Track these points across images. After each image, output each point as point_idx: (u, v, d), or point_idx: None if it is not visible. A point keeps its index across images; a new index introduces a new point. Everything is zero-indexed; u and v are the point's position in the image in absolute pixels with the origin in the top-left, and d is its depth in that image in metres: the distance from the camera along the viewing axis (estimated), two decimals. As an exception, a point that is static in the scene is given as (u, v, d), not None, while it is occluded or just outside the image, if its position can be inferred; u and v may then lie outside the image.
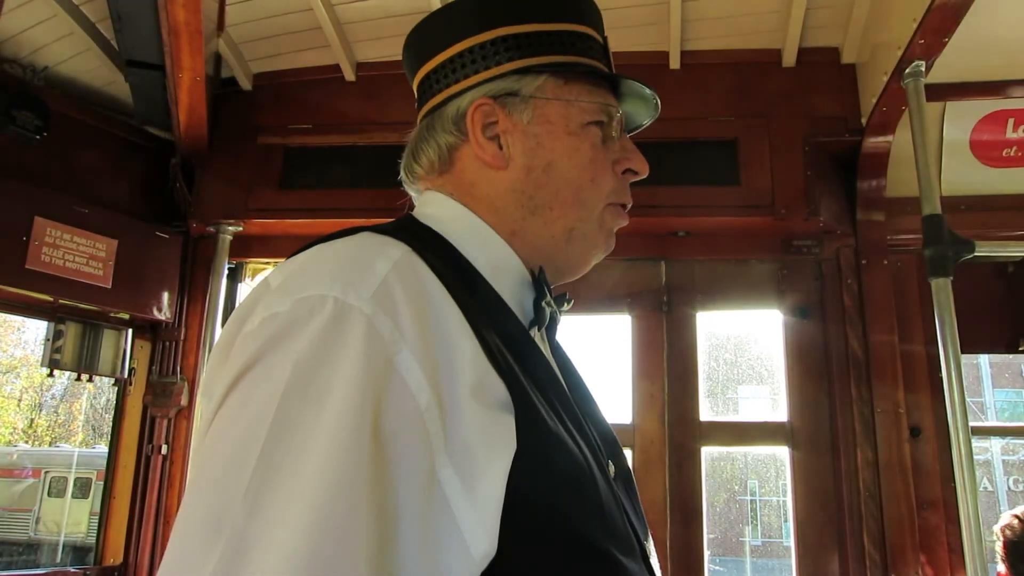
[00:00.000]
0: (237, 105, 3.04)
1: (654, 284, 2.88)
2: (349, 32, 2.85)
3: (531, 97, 0.92)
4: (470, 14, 0.94)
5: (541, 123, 0.92)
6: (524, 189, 0.91)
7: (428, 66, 0.97)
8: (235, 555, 0.57)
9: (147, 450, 2.86)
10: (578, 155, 0.92)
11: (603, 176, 0.94)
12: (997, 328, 2.83)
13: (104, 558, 2.82)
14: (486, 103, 0.91)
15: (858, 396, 2.61)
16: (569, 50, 0.94)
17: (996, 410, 15.95)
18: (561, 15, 0.95)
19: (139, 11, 2.45)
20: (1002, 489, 14.19)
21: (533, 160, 0.91)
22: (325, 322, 0.66)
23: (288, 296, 0.69)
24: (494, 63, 0.92)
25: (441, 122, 0.94)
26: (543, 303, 0.89)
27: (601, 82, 0.97)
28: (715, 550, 15.40)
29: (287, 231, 2.99)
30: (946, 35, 2.10)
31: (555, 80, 0.93)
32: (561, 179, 0.91)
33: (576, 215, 0.92)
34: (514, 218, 0.91)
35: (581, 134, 0.93)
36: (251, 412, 0.64)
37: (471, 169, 0.93)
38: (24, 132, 2.56)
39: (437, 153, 0.95)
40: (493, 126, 0.92)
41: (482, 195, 0.92)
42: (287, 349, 0.66)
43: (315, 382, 0.64)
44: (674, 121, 2.80)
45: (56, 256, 2.60)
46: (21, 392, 18.21)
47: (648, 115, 1.07)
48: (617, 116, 0.96)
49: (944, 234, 2.09)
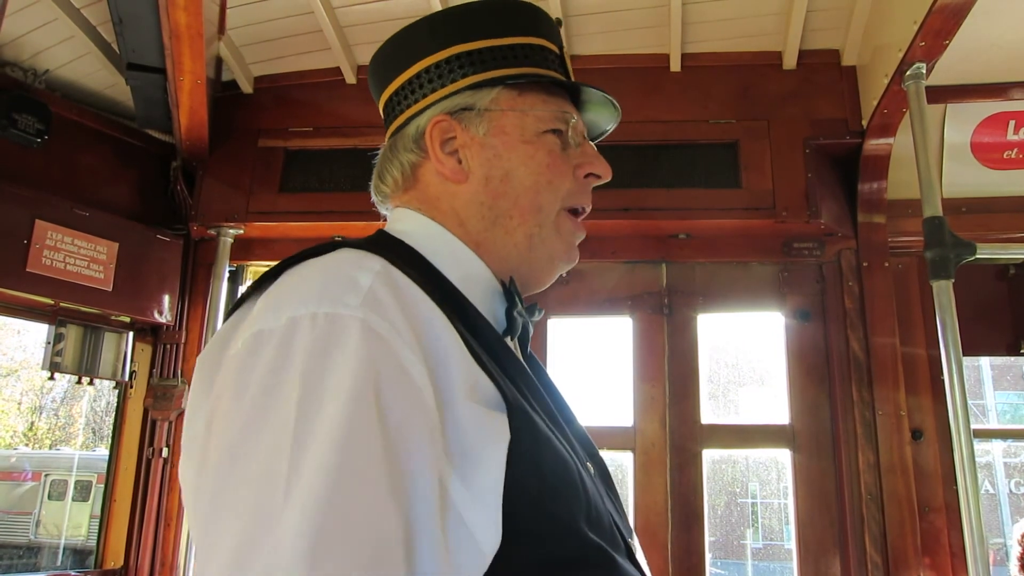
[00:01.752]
0: (238, 108, 3.05)
1: (655, 286, 2.87)
2: (350, 35, 2.85)
3: (486, 110, 0.95)
4: (426, 35, 0.98)
5: (497, 134, 0.95)
6: (484, 200, 0.94)
7: (390, 89, 1.01)
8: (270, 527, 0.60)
9: (148, 453, 2.86)
10: (534, 162, 0.94)
11: (560, 180, 0.96)
12: (998, 330, 2.83)
13: (105, 561, 2.81)
14: (444, 119, 0.95)
15: (859, 399, 2.61)
16: (523, 62, 0.97)
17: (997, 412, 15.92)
18: (514, 30, 0.98)
19: (140, 14, 2.45)
20: (1003, 492, 14.16)
21: (491, 171, 0.94)
22: (321, 334, 0.68)
23: (276, 315, 0.70)
24: (450, 80, 0.95)
25: (403, 141, 0.98)
26: (515, 312, 0.92)
27: (557, 91, 0.99)
28: (716, 553, 15.37)
29: (288, 234, 2.99)
30: (947, 37, 2.10)
31: (509, 92, 0.96)
32: (519, 186, 0.94)
33: (535, 220, 0.95)
34: (478, 229, 0.94)
35: (537, 142, 0.95)
36: (269, 432, 0.64)
37: (434, 184, 0.96)
38: (25, 135, 2.56)
39: (400, 171, 0.98)
40: (452, 141, 0.95)
41: (447, 209, 0.95)
42: (289, 363, 0.67)
43: (323, 387, 0.65)
44: (675, 124, 2.80)
45: (57, 259, 2.60)
46: (21, 395, 18.20)
47: (613, 119, 1.09)
48: (573, 122, 0.98)
49: (945, 236, 2.09)
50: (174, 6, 2.27)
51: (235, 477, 0.64)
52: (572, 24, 2.75)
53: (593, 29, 2.79)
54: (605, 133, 1.12)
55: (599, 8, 2.70)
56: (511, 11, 1.01)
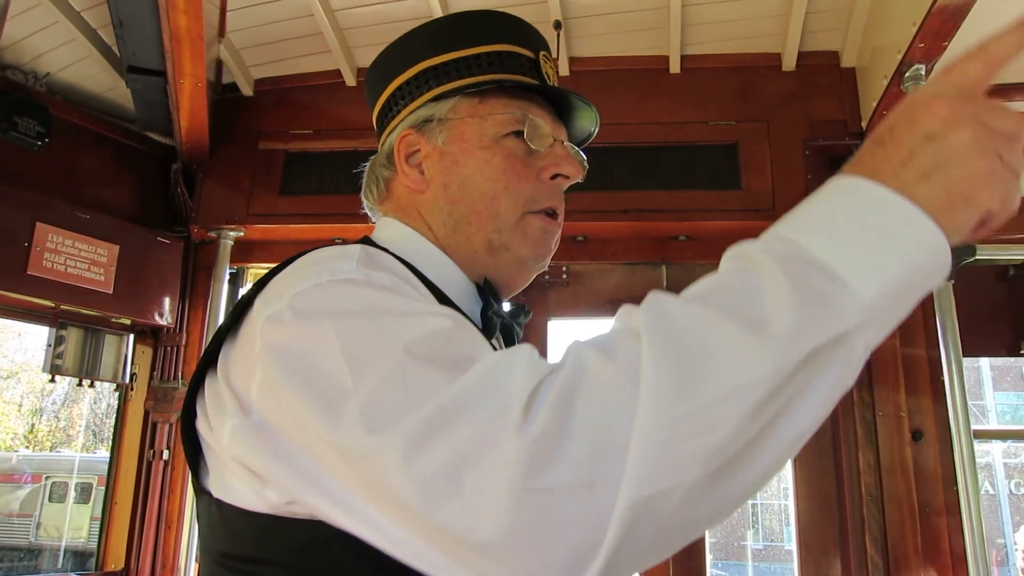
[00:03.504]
0: (238, 110, 3.05)
1: (655, 288, 2.87)
2: (350, 37, 2.85)
3: (446, 119, 0.97)
4: (397, 56, 1.02)
5: (455, 141, 0.97)
6: (443, 206, 0.96)
7: (375, 112, 1.07)
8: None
9: (148, 455, 2.86)
10: (490, 167, 0.95)
11: (519, 184, 0.95)
12: (998, 331, 2.82)
13: (105, 563, 2.81)
14: (409, 133, 0.99)
15: (860, 399, 2.61)
16: (485, 70, 0.98)
17: (997, 413, 15.92)
18: (479, 40, 0.99)
19: (140, 17, 2.46)
20: (1003, 492, 14.16)
21: (448, 178, 0.96)
22: (327, 292, 0.71)
23: (280, 299, 0.73)
24: (417, 96, 0.99)
25: (379, 158, 1.04)
26: (489, 313, 0.94)
27: (524, 95, 0.99)
28: (717, 554, 15.36)
29: (288, 236, 2.99)
30: (946, 39, 2.10)
31: (469, 100, 0.97)
32: (476, 192, 0.95)
33: (492, 226, 0.95)
34: (443, 234, 0.97)
35: (494, 147, 0.96)
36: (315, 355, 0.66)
37: (404, 196, 1.01)
38: (26, 138, 2.56)
39: (377, 185, 1.04)
40: (416, 154, 0.99)
41: (416, 216, 0.99)
42: (307, 315, 0.70)
43: (348, 303, 0.70)
44: (674, 125, 2.81)
45: (58, 262, 2.60)
46: (22, 397, 18.21)
47: (595, 121, 1.09)
48: (534, 123, 0.97)
49: (945, 237, 2.09)
50: (174, 9, 2.27)
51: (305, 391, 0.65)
52: (572, 26, 2.76)
53: (593, 31, 2.80)
54: (591, 137, 1.12)
55: (598, 10, 2.71)
56: (477, 22, 1.02)
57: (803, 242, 0.57)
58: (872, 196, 0.57)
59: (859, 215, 0.57)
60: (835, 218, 0.57)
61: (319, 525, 0.69)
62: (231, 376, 0.76)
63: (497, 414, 0.55)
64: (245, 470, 0.73)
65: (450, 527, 0.55)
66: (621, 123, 2.79)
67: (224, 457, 0.76)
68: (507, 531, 0.53)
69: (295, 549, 0.72)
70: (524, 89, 0.99)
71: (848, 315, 0.54)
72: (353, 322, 0.67)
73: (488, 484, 0.53)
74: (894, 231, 0.56)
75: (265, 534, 0.74)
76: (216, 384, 0.78)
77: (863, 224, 0.56)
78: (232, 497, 0.76)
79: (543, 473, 0.52)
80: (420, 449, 0.56)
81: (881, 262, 0.55)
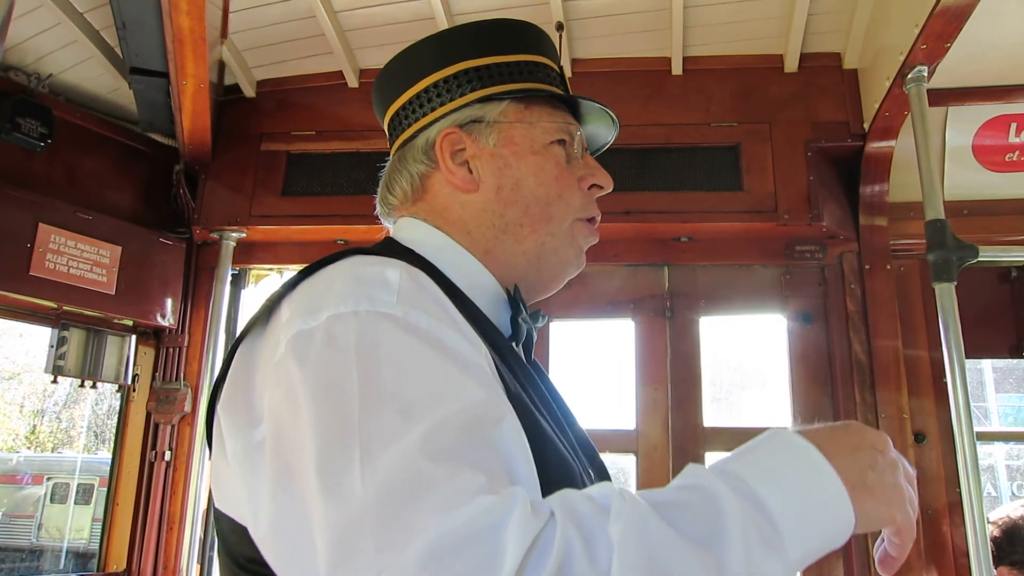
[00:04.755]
0: (240, 112, 3.05)
1: (657, 290, 2.87)
2: (352, 39, 2.86)
3: (495, 122, 0.98)
4: (433, 53, 1.02)
5: (506, 145, 0.98)
6: (495, 208, 0.97)
7: (396, 104, 1.03)
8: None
9: (150, 456, 2.86)
10: (544, 172, 0.98)
11: (569, 191, 0.99)
12: (1001, 333, 2.82)
13: (107, 564, 2.81)
14: (453, 131, 0.98)
15: (862, 401, 2.61)
16: (528, 78, 1.01)
17: (1000, 415, 15.89)
18: (519, 48, 1.02)
19: (143, 18, 2.46)
20: (1005, 494, 14.13)
21: (502, 180, 0.97)
22: (364, 327, 0.69)
23: (315, 316, 0.71)
24: (458, 95, 0.99)
25: (412, 153, 1.00)
26: (520, 319, 0.95)
27: (560, 105, 1.03)
28: (718, 556, 15.33)
29: (290, 237, 2.99)
30: (948, 40, 2.10)
31: (516, 105, 0.99)
32: (530, 195, 0.97)
33: (546, 229, 0.97)
34: (486, 237, 0.97)
35: (545, 153, 0.98)
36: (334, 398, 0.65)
37: (444, 194, 0.99)
38: (29, 139, 2.56)
39: (410, 182, 1.01)
40: (461, 152, 0.98)
41: (455, 218, 0.98)
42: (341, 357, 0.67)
43: (379, 369, 0.67)
44: (676, 127, 2.81)
45: (60, 263, 2.61)
46: (23, 398, 18.21)
47: (612, 131, 1.13)
48: (578, 135, 1.02)
49: (947, 239, 2.09)
50: (177, 10, 2.27)
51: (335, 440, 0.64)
52: (574, 28, 2.76)
53: (595, 33, 2.80)
54: (605, 146, 1.15)
55: (601, 12, 2.71)
56: (516, 30, 1.05)
57: (760, 491, 0.64)
58: (821, 470, 0.67)
59: (807, 484, 0.66)
60: (789, 478, 0.66)
61: None
62: (254, 377, 0.76)
63: (486, 568, 0.55)
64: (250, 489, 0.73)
65: None
66: (623, 124, 2.75)
67: (230, 473, 0.76)
68: None
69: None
70: (560, 101, 1.03)
71: (777, 568, 0.61)
72: (381, 376, 0.66)
73: None
74: (828, 509, 0.65)
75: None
76: (235, 386, 0.78)
77: (808, 493, 0.65)
78: (242, 515, 0.76)
79: None
80: None
81: (811, 532, 0.64)
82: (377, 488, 0.58)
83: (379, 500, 0.58)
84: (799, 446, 0.68)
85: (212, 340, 2.92)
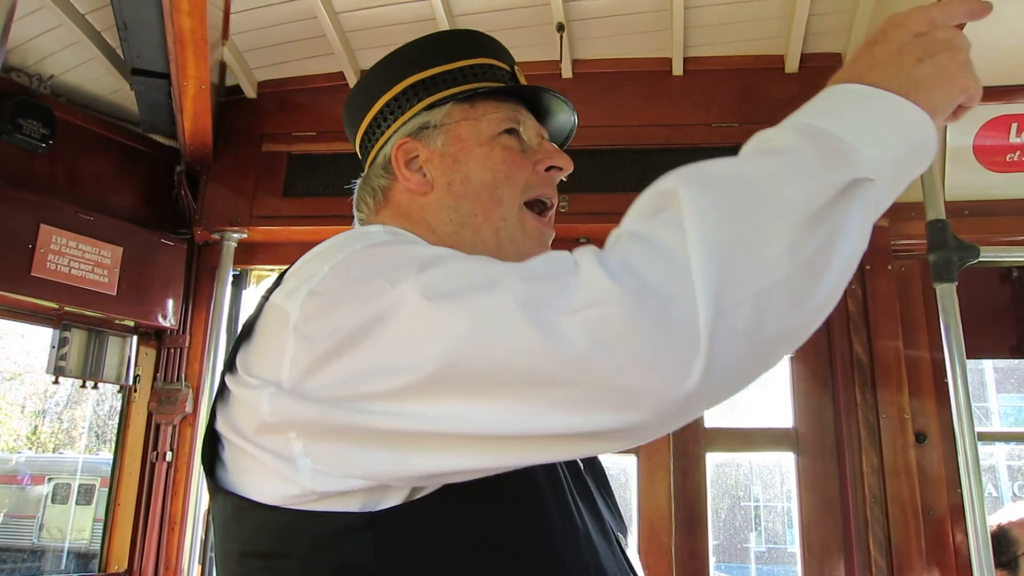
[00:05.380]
0: (242, 113, 3.06)
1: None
2: (353, 40, 2.86)
3: (441, 124, 1.03)
4: (383, 76, 1.08)
5: (454, 143, 1.02)
6: (449, 203, 1.00)
7: (360, 131, 1.11)
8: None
9: (152, 457, 2.86)
10: (490, 160, 1.01)
11: (517, 173, 1.01)
12: (1002, 333, 2.82)
13: (109, 565, 2.81)
14: (406, 141, 1.03)
15: (863, 402, 2.60)
16: (471, 80, 1.05)
17: (1001, 415, 15.88)
18: (461, 55, 1.07)
19: (145, 20, 2.47)
20: (1007, 495, 14.12)
21: (452, 176, 1.01)
22: (366, 252, 0.76)
23: (317, 275, 0.75)
24: (408, 108, 1.05)
25: (374, 171, 1.07)
26: None
27: (508, 99, 1.07)
28: (720, 556, 15.33)
29: (291, 238, 2.99)
30: (949, 41, 2.09)
31: (461, 105, 1.04)
32: (479, 184, 1.00)
33: (498, 214, 0.99)
34: (447, 233, 1.00)
35: (492, 143, 1.02)
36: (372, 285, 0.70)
37: (404, 201, 1.04)
38: (30, 140, 2.56)
39: (373, 196, 1.07)
40: (416, 160, 1.03)
41: (417, 219, 1.02)
42: (348, 269, 0.74)
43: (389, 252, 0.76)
44: (677, 128, 2.81)
45: (61, 264, 2.61)
46: (25, 399, 18.23)
47: (571, 123, 1.17)
48: (528, 121, 1.06)
49: (948, 239, 2.09)
50: (178, 11, 2.28)
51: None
52: (574, 29, 2.76)
53: (595, 33, 2.80)
54: (569, 139, 1.18)
55: (601, 13, 2.71)
56: (456, 40, 1.11)
57: (815, 123, 0.67)
58: (867, 91, 0.69)
59: (860, 105, 0.69)
60: (839, 108, 0.69)
61: (340, 516, 0.71)
62: (251, 368, 0.77)
63: (573, 265, 0.64)
64: (275, 457, 0.73)
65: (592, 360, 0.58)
66: (624, 125, 2.79)
67: (250, 448, 0.76)
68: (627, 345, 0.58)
69: (315, 542, 0.73)
70: (506, 93, 1.07)
71: (862, 168, 0.63)
72: (393, 257, 0.73)
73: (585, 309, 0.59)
74: (889, 115, 0.68)
75: (285, 528, 0.74)
76: (236, 381, 0.79)
77: (864, 111, 0.68)
78: (255, 492, 0.76)
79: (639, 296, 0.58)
80: (530, 294, 0.61)
81: (881, 136, 0.66)
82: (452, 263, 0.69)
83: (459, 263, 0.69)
84: (841, 90, 0.71)
85: (213, 341, 2.92)
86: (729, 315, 0.57)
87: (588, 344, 0.57)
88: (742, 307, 0.57)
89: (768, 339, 0.60)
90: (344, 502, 0.72)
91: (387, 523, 0.71)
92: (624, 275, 0.59)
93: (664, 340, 0.57)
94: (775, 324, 0.59)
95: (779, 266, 0.59)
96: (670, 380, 0.57)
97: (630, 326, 0.57)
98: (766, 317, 0.58)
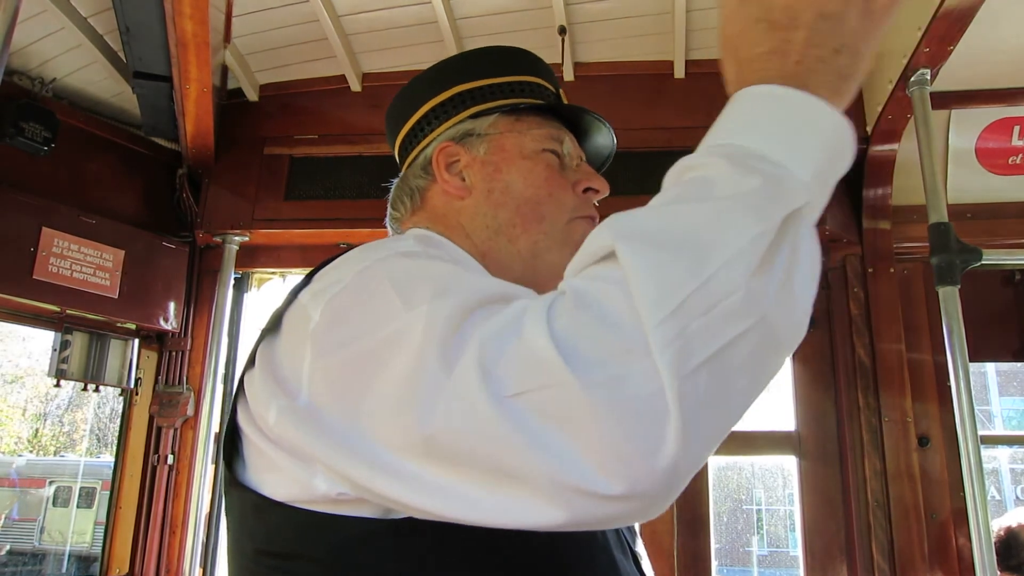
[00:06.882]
0: (243, 116, 3.06)
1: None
2: (355, 43, 2.86)
3: (486, 134, 1.04)
4: (432, 81, 1.10)
5: (497, 152, 1.04)
6: (487, 211, 1.01)
7: (402, 133, 1.12)
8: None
9: (153, 460, 2.86)
10: (533, 175, 1.02)
11: (561, 192, 1.02)
12: (1004, 336, 2.82)
13: (110, 568, 2.81)
14: (448, 145, 1.05)
15: (866, 405, 2.60)
16: (519, 95, 1.07)
17: (1003, 418, 15.86)
18: (511, 70, 1.09)
19: (147, 23, 2.47)
20: (1010, 498, 14.11)
21: (492, 184, 1.02)
22: (390, 263, 0.75)
23: (341, 281, 0.75)
24: (454, 114, 1.07)
25: (413, 171, 1.08)
26: None
27: (552, 117, 1.09)
28: (722, 560, 15.32)
29: (293, 241, 3.00)
30: (951, 43, 2.10)
31: (507, 117, 1.06)
32: (520, 197, 1.01)
33: (539, 229, 1.00)
34: (482, 239, 1.00)
35: (535, 158, 1.03)
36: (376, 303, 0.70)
37: (441, 203, 1.05)
38: (32, 143, 2.57)
39: (410, 196, 1.08)
40: (456, 164, 1.04)
41: (453, 223, 1.02)
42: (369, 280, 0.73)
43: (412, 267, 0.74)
44: (679, 130, 2.81)
45: (63, 266, 2.61)
46: (26, 402, 18.25)
47: (611, 141, 1.19)
48: (568, 141, 1.07)
49: (951, 242, 2.09)
50: (180, 15, 2.28)
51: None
52: (576, 31, 2.76)
53: (597, 36, 2.80)
54: (610, 157, 1.20)
55: (603, 16, 2.71)
56: (508, 56, 1.13)
57: (738, 142, 0.64)
58: (780, 96, 0.65)
59: (777, 115, 0.64)
60: (758, 120, 0.66)
61: (360, 522, 0.71)
62: (275, 365, 0.76)
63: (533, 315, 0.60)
64: (292, 459, 0.73)
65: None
66: (626, 128, 2.77)
67: (268, 448, 0.76)
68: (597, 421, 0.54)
69: (335, 546, 0.72)
70: (553, 114, 1.09)
71: (799, 193, 0.59)
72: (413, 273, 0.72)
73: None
74: (807, 122, 0.63)
75: (305, 529, 0.73)
76: (257, 377, 0.79)
77: (782, 122, 0.64)
78: (273, 490, 0.76)
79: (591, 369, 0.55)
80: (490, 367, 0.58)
81: (807, 148, 0.62)
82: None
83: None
84: (751, 93, 0.68)
85: (215, 344, 2.92)
86: (696, 378, 0.54)
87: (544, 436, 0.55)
88: (706, 367, 0.54)
89: (742, 389, 0.58)
90: (361, 508, 0.71)
91: (408, 531, 0.71)
92: (570, 350, 0.56)
93: (628, 419, 0.54)
94: (748, 371, 0.57)
95: (739, 318, 0.55)
96: (645, 456, 0.54)
97: (588, 411, 0.54)
98: (733, 371, 0.56)
